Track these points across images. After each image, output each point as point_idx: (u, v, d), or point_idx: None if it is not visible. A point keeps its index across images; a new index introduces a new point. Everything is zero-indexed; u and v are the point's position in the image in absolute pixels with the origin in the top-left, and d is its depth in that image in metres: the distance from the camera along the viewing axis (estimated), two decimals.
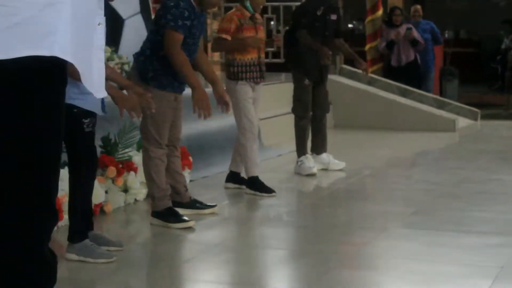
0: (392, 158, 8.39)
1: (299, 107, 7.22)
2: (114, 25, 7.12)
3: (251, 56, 6.26)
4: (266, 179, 6.89)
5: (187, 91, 5.26)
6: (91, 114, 4.39)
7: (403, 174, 7.47)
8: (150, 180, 5.26)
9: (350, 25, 16.66)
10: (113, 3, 6.03)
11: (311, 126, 7.34)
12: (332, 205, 6.22)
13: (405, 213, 5.74)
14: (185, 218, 5.25)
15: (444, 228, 5.27)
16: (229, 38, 6.17)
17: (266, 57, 11.22)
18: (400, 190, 6.67)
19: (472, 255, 4.59)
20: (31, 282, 2.38)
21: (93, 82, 2.37)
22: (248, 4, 6.24)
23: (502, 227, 5.28)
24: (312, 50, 7.09)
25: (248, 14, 6.24)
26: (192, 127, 7.52)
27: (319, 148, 7.42)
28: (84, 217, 4.49)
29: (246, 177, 6.41)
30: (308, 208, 6.20)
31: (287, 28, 9.16)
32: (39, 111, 2.29)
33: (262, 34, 6.36)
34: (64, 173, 4.69)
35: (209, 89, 5.42)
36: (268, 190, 6.29)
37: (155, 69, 5.14)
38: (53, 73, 2.30)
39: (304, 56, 7.11)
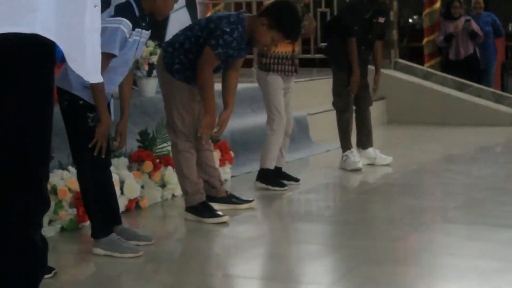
0: (443, 153, 8.17)
1: (339, 101, 7.09)
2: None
3: (285, 50, 6.16)
4: (312, 174, 6.83)
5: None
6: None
7: (452, 169, 7.28)
8: (181, 175, 5.20)
9: (410, 20, 16.37)
10: None
11: (355, 120, 7.22)
12: (374, 200, 6.09)
13: (447, 207, 5.59)
14: (219, 212, 5.18)
15: (485, 222, 5.10)
16: None
17: (317, 52, 11.15)
18: (446, 184, 6.50)
19: (509, 250, 4.43)
20: (17, 268, 2.34)
21: (85, 65, 2.32)
22: None
23: None
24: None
25: None
26: (236, 121, 7.46)
27: (364, 142, 7.28)
28: (105, 212, 4.40)
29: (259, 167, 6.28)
30: (349, 203, 6.09)
31: (331, 18, 9.05)
32: (20, 89, 2.24)
33: None
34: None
35: None
36: (280, 184, 6.19)
37: (182, 63, 5.09)
38: (35, 50, 2.25)
39: (345, 55, 6.96)
